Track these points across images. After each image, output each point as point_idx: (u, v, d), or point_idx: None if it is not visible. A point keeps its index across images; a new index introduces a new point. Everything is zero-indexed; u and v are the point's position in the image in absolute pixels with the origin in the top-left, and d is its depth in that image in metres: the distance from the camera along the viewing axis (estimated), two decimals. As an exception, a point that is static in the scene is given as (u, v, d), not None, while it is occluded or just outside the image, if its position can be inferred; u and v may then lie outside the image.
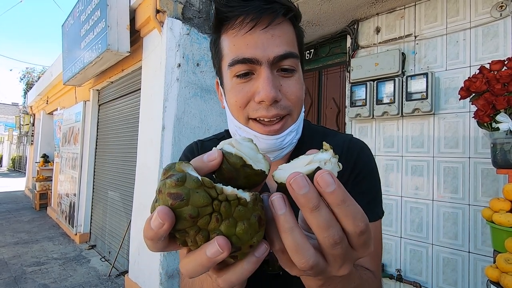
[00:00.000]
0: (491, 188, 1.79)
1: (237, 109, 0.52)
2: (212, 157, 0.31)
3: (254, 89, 0.50)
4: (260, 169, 0.31)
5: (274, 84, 0.48)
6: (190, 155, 0.65)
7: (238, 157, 0.31)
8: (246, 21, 0.48)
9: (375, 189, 0.59)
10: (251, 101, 0.51)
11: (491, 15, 1.83)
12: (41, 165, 7.38)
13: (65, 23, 4.06)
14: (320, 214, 0.26)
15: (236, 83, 0.51)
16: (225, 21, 0.51)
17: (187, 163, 0.29)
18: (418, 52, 2.16)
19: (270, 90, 0.47)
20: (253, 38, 0.48)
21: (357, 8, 2.30)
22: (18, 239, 4.67)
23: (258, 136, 0.52)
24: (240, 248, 0.27)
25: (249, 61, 0.48)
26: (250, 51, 0.48)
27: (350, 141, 0.61)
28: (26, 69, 19.22)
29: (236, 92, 0.51)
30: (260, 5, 0.47)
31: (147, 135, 2.76)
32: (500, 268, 1.12)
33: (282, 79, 0.51)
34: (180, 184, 0.26)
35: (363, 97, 2.32)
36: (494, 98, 1.39)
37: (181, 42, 2.60)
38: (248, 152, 0.32)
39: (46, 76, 6.95)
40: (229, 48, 0.51)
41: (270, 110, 0.49)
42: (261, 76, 0.49)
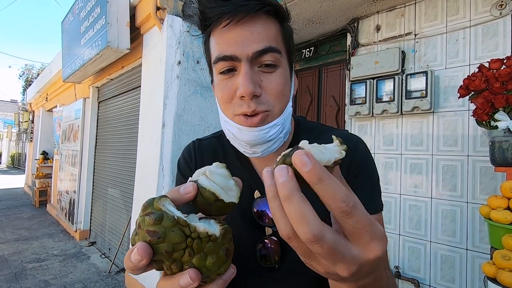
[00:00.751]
0: (489, 186, 1.80)
1: (224, 104, 0.55)
2: (188, 190, 0.34)
3: (236, 85, 0.52)
4: (231, 201, 0.35)
5: (252, 80, 0.50)
6: (188, 157, 0.68)
7: (211, 193, 0.34)
8: (224, 18, 0.49)
9: (373, 182, 0.60)
10: (234, 97, 0.53)
11: (491, 13, 1.84)
12: (41, 162, 7.38)
13: (65, 20, 4.05)
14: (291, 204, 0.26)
15: (221, 80, 0.54)
16: (209, 22, 0.53)
17: (164, 198, 0.32)
18: (418, 50, 2.16)
19: (247, 85, 0.49)
20: (232, 35, 0.50)
21: (357, 6, 2.30)
22: (18, 236, 4.68)
23: (241, 129, 0.53)
24: (209, 276, 0.32)
25: (230, 58, 0.51)
26: (230, 49, 0.50)
27: (346, 136, 0.62)
28: (25, 66, 19.17)
29: (221, 88, 0.54)
30: (236, 3, 0.48)
31: (147, 132, 2.77)
32: (497, 264, 1.13)
33: (262, 75, 0.52)
34: (158, 223, 0.29)
35: (363, 95, 2.33)
36: (493, 96, 1.39)
37: (181, 40, 2.60)
38: (221, 181, 0.36)
39: (45, 73, 6.94)
40: (214, 47, 0.54)
41: (250, 105, 0.51)
42: (240, 72, 0.51)
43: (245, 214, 0.58)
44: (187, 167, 0.67)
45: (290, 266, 0.56)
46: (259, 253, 0.56)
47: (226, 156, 0.66)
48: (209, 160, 0.64)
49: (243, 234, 0.57)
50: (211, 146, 0.69)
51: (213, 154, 0.67)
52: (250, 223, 0.57)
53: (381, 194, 0.60)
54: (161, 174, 2.48)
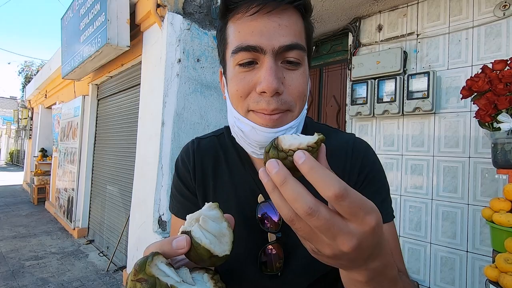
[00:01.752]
0: (490, 188, 1.79)
1: (237, 99, 0.51)
2: (181, 245, 0.34)
3: (256, 79, 0.48)
4: (225, 254, 0.35)
5: (276, 75, 0.46)
6: (186, 159, 0.64)
7: (206, 250, 0.34)
8: (251, 6, 0.46)
9: (385, 189, 0.58)
10: (252, 92, 0.49)
11: (494, 14, 1.82)
12: (39, 160, 7.36)
13: (64, 17, 4.02)
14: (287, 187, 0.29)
15: (238, 72, 0.49)
16: (232, 7, 0.49)
17: (157, 256, 0.32)
18: (420, 50, 2.14)
19: (272, 81, 0.45)
20: (258, 25, 0.46)
21: (359, 5, 2.28)
22: (16, 233, 4.66)
23: (255, 128, 0.50)
24: None
25: (253, 49, 0.47)
26: (255, 39, 0.46)
27: (354, 141, 0.60)
28: (24, 62, 19.08)
29: (238, 81, 0.50)
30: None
31: (147, 130, 2.75)
32: (500, 268, 1.12)
33: (285, 71, 0.48)
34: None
35: (364, 95, 2.31)
36: (496, 97, 1.38)
37: (181, 37, 2.58)
38: (214, 229, 0.36)
39: (44, 70, 6.91)
40: (234, 35, 0.49)
41: (270, 103, 0.47)
42: (264, 66, 0.47)
43: (248, 220, 0.55)
44: (186, 170, 0.64)
45: (293, 273, 0.54)
46: (259, 260, 0.54)
47: (227, 158, 0.63)
48: (209, 163, 0.62)
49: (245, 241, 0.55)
50: (212, 146, 0.65)
51: (214, 155, 0.64)
52: (253, 228, 0.55)
53: (391, 202, 0.59)
54: (160, 173, 2.47)
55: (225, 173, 0.61)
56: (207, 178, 0.62)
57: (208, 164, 0.63)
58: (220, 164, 0.62)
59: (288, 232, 0.52)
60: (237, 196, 0.58)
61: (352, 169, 0.56)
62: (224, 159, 0.63)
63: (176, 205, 0.65)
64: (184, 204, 0.63)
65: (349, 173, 0.56)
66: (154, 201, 2.46)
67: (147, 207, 2.58)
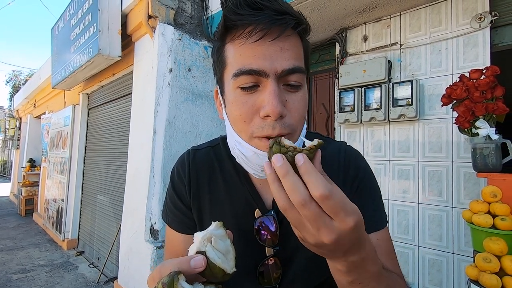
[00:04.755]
0: (473, 191, 1.86)
1: (241, 123, 0.49)
2: (199, 264, 0.37)
3: (259, 103, 0.47)
4: (233, 270, 0.40)
5: (280, 99, 0.46)
6: (182, 171, 0.64)
7: (220, 269, 0.38)
8: (256, 31, 0.45)
9: (377, 195, 0.61)
10: (255, 116, 0.48)
11: (471, 26, 1.93)
12: (28, 170, 7.21)
13: (55, 27, 4.03)
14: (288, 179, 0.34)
15: (239, 95, 0.49)
16: (233, 29, 0.49)
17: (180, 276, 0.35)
18: (403, 60, 2.24)
19: (276, 105, 0.45)
20: (261, 49, 0.46)
21: (345, 17, 2.37)
22: (3, 246, 4.54)
23: (258, 153, 0.49)
24: None
25: (256, 73, 0.46)
26: (258, 63, 0.46)
27: (346, 149, 0.63)
28: (12, 72, 18.80)
29: (240, 104, 0.48)
30: (271, 15, 0.45)
31: (138, 139, 2.76)
32: (479, 267, 1.17)
33: (287, 94, 0.48)
34: None
35: (352, 102, 2.39)
36: (473, 105, 1.46)
37: (173, 48, 2.62)
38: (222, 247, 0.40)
39: (34, 80, 6.84)
40: (234, 58, 0.48)
41: (275, 128, 0.46)
42: (267, 89, 0.46)
43: (244, 233, 0.56)
44: (181, 184, 0.64)
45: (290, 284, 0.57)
46: (258, 271, 0.56)
47: (223, 170, 0.62)
48: (204, 176, 0.63)
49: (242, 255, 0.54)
50: (207, 158, 0.65)
51: (209, 167, 0.63)
52: (250, 242, 0.56)
53: (384, 206, 0.62)
54: (152, 181, 2.47)
55: (221, 186, 0.61)
56: (203, 191, 0.62)
57: (204, 177, 0.63)
58: (216, 176, 0.62)
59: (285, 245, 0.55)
60: (234, 210, 0.59)
61: (346, 178, 0.59)
62: (220, 172, 0.62)
63: (170, 216, 0.65)
64: (178, 216, 0.64)
65: (343, 182, 0.59)
66: (146, 210, 2.46)
67: (138, 216, 2.58)
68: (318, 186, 0.33)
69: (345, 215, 0.34)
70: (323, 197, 0.33)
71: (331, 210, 0.33)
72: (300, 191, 0.33)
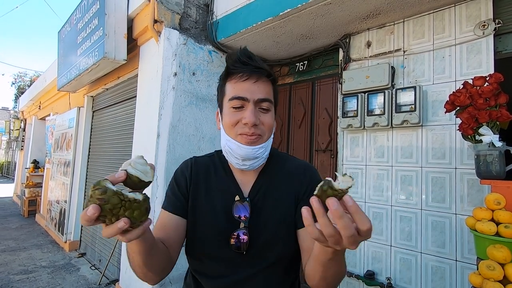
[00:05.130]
0: (476, 198, 1.85)
1: (230, 127, 0.79)
2: (120, 175, 0.52)
3: (242, 116, 0.76)
4: (149, 180, 0.55)
5: (255, 114, 0.76)
6: (186, 170, 0.88)
7: (136, 177, 0.53)
8: (244, 76, 0.77)
9: None
10: (239, 123, 0.77)
11: (474, 33, 1.93)
12: (31, 171, 7.26)
13: (62, 30, 4.09)
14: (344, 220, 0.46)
15: (232, 111, 0.78)
16: (231, 74, 0.79)
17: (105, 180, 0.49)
18: (406, 66, 2.24)
19: (252, 117, 0.75)
20: (246, 85, 0.77)
21: (348, 23, 2.39)
22: (5, 247, 4.57)
23: (240, 146, 0.77)
24: (135, 223, 0.51)
25: (242, 99, 0.76)
26: (243, 93, 0.77)
27: (305, 166, 0.89)
28: (18, 73, 19.02)
29: (231, 116, 0.78)
30: (252, 69, 0.77)
31: (142, 142, 2.78)
32: (483, 274, 1.16)
33: (260, 113, 0.78)
34: (103, 193, 0.47)
35: (355, 108, 2.39)
36: (477, 112, 1.46)
37: (177, 52, 2.65)
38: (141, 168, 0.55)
39: (39, 82, 6.91)
40: (230, 90, 0.79)
41: (251, 129, 0.76)
42: (248, 109, 0.76)
43: (226, 211, 0.80)
44: (183, 178, 0.86)
45: (256, 251, 0.77)
46: (235, 245, 0.76)
47: (216, 171, 0.88)
48: (202, 174, 0.88)
49: (222, 226, 0.78)
50: (205, 163, 0.90)
51: (206, 169, 0.88)
52: (229, 218, 0.79)
53: None
54: (155, 184, 2.49)
55: (214, 181, 0.86)
56: (200, 184, 0.86)
57: (202, 175, 0.88)
58: (210, 175, 0.88)
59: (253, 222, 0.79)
60: (222, 197, 0.83)
61: (303, 183, 0.84)
62: (214, 172, 0.88)
63: (166, 201, 0.86)
64: (172, 200, 0.84)
65: (300, 186, 0.84)
66: (149, 212, 2.46)
67: (141, 218, 2.58)
68: (365, 222, 0.46)
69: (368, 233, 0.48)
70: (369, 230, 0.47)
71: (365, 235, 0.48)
72: (352, 228, 0.46)
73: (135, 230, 0.52)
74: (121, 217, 0.49)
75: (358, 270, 2.36)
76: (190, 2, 2.88)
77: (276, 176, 0.86)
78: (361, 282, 2.29)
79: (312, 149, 2.94)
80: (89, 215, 0.46)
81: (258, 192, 0.82)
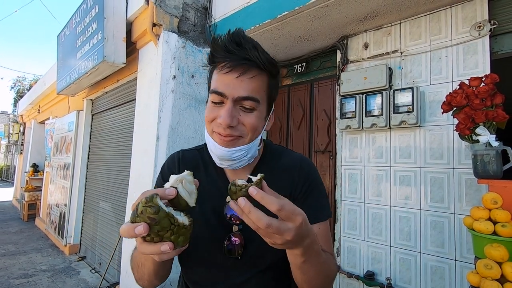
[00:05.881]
0: (474, 198, 1.87)
1: (207, 122, 0.71)
2: (171, 193, 0.50)
3: (219, 113, 0.66)
4: (193, 205, 0.54)
5: (231, 115, 0.65)
6: (172, 165, 0.82)
7: (185, 201, 0.52)
8: (225, 67, 0.65)
9: (323, 195, 0.79)
10: (216, 119, 0.67)
11: (470, 34, 1.95)
12: (31, 175, 7.26)
13: (61, 34, 4.10)
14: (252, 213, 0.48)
15: (211, 105, 0.69)
16: (215, 61, 0.69)
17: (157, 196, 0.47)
18: (404, 67, 2.26)
19: (226, 119, 0.65)
20: (227, 79, 0.65)
21: (346, 25, 2.40)
22: (5, 251, 4.56)
23: (215, 145, 0.69)
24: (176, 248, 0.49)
25: (220, 94, 0.66)
26: (223, 87, 0.66)
27: (301, 159, 0.81)
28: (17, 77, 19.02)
29: (210, 111, 0.69)
30: (237, 59, 0.64)
31: (141, 145, 2.79)
32: (480, 273, 1.17)
33: (241, 112, 0.67)
34: (156, 213, 0.45)
35: (353, 109, 2.41)
36: (473, 112, 1.47)
37: (176, 55, 2.66)
38: (189, 188, 0.54)
39: (38, 85, 6.92)
40: (214, 80, 0.69)
41: (225, 130, 0.66)
42: (225, 107, 0.66)
43: (217, 213, 0.74)
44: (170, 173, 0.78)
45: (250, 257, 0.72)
46: (227, 248, 0.71)
47: (206, 167, 0.80)
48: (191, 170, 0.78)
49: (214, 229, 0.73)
50: (193, 158, 0.83)
51: (194, 165, 0.81)
52: (220, 220, 0.73)
53: (329, 205, 0.80)
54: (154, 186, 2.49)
55: (203, 179, 0.76)
56: None
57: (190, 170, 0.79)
58: (199, 172, 0.80)
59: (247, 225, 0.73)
60: (211, 197, 0.75)
61: (299, 181, 0.77)
62: (203, 168, 0.80)
63: None
64: None
65: (297, 183, 0.77)
66: (149, 215, 2.47)
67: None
68: (273, 203, 0.47)
69: (295, 216, 0.49)
70: (278, 209, 0.47)
71: (285, 216, 0.49)
72: (263, 219, 0.47)
73: (172, 252, 0.50)
74: (165, 239, 0.47)
75: (358, 271, 2.36)
76: (189, 5, 2.90)
77: (271, 173, 0.77)
78: (361, 282, 2.29)
79: (311, 150, 2.95)
80: (137, 233, 0.45)
81: None
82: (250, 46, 0.65)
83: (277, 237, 0.49)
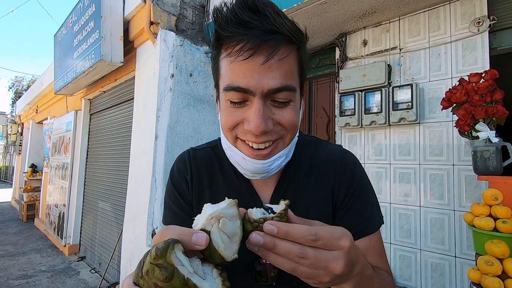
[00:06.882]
0: (474, 194, 1.86)
1: (226, 130, 0.53)
2: (200, 242, 0.34)
3: (245, 116, 0.50)
4: (234, 257, 0.36)
5: (264, 116, 0.48)
6: (183, 168, 0.65)
7: (220, 255, 0.35)
8: (244, 49, 0.45)
9: (373, 199, 0.62)
10: (240, 124, 0.51)
11: (469, 30, 1.94)
12: (29, 175, 7.23)
13: (58, 33, 4.08)
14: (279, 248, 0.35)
15: (229, 106, 0.51)
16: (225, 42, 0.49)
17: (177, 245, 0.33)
18: (403, 64, 2.25)
19: (260, 124, 0.47)
20: (250, 67, 0.46)
21: (345, 22, 2.39)
22: (4, 252, 4.54)
23: (246, 159, 0.52)
24: None
25: (243, 91, 0.47)
26: (245, 81, 0.47)
27: (343, 153, 0.64)
28: (15, 77, 18.95)
29: (227, 114, 0.51)
30: (260, 35, 0.45)
31: (140, 144, 2.77)
32: (481, 270, 1.17)
33: (275, 109, 0.50)
34: (168, 281, 0.30)
35: (352, 106, 2.40)
36: (473, 108, 1.47)
37: (174, 53, 2.65)
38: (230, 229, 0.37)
39: (36, 85, 6.89)
40: (226, 71, 0.50)
41: (259, 137, 0.49)
42: (253, 107, 0.48)
43: None
44: (182, 181, 0.64)
45: (287, 283, 0.56)
46: (255, 269, 0.56)
47: (222, 169, 0.64)
48: (205, 174, 0.64)
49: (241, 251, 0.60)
50: (207, 157, 0.66)
51: (209, 166, 0.65)
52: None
53: (379, 207, 0.63)
54: (154, 186, 2.48)
55: (221, 184, 0.62)
56: (204, 188, 0.63)
57: (204, 175, 0.64)
58: (215, 175, 0.64)
59: None
60: None
61: (342, 182, 0.60)
62: (219, 170, 0.64)
63: (169, 216, 0.65)
64: (178, 215, 0.63)
65: (339, 186, 0.60)
66: (148, 214, 2.46)
67: (140, 221, 2.58)
68: (303, 234, 0.34)
69: (338, 240, 0.36)
70: (312, 240, 0.35)
71: (325, 245, 0.35)
72: (293, 249, 0.35)
73: None
74: None
75: (358, 268, 2.36)
76: (186, 3, 2.88)
77: (306, 171, 0.61)
78: (362, 280, 2.29)
79: (311, 148, 2.94)
80: None
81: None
82: (272, 12, 0.46)
83: (321, 272, 0.36)
